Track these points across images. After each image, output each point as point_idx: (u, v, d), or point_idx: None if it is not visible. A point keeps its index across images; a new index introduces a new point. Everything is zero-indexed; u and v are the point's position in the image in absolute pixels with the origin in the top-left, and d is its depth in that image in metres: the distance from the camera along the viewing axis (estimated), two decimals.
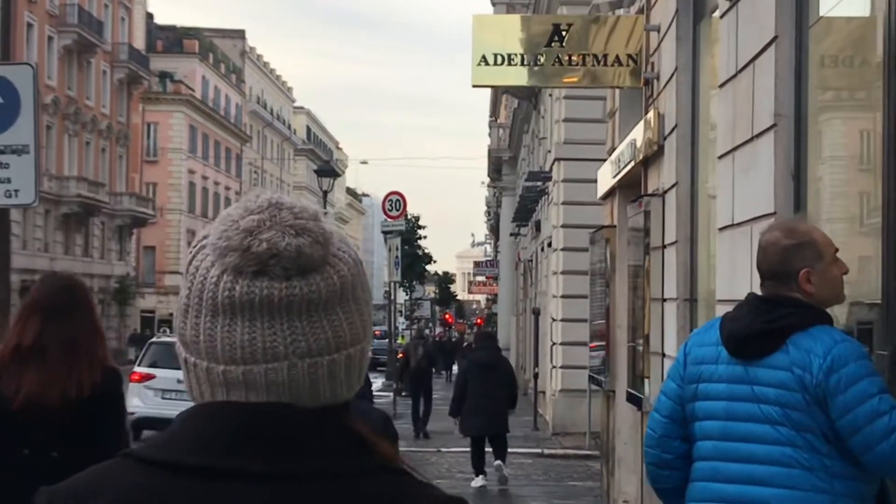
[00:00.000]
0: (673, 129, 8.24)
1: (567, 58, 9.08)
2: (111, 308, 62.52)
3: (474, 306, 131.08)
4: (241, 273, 1.34)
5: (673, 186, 8.24)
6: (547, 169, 26.27)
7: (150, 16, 74.73)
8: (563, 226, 24.09)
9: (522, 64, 9.05)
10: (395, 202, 26.64)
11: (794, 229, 3.57)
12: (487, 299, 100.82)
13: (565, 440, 23.34)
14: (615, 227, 11.46)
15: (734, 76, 6.15)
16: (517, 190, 45.02)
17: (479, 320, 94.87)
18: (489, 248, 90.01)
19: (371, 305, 1.45)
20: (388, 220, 27.10)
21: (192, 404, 1.42)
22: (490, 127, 61.60)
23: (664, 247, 8.62)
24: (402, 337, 64.78)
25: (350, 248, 1.43)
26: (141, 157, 72.25)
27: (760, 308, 3.54)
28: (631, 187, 11.20)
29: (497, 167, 53.67)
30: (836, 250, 3.58)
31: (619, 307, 11.28)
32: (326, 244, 1.38)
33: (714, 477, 3.57)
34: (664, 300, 8.61)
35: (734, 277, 6.06)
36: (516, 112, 41.75)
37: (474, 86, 9.59)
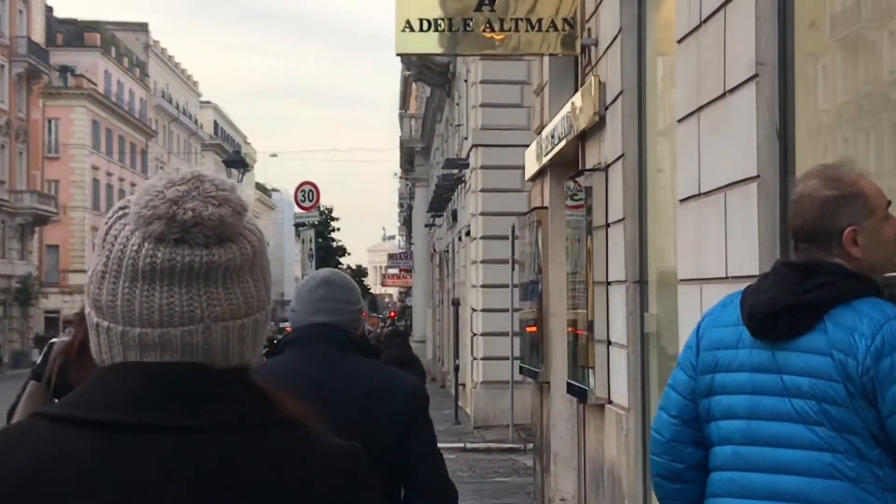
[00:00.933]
0: (617, 97, 7.56)
1: (499, 23, 8.33)
2: (13, 309, 60.63)
3: (387, 300, 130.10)
4: (163, 241, 1.41)
5: (618, 159, 7.55)
6: (464, 156, 25.57)
7: (49, 9, 72.65)
8: (482, 213, 23.41)
9: (450, 30, 8.29)
10: (307, 192, 25.72)
11: (838, 177, 2.81)
12: (400, 292, 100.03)
13: (488, 433, 22.69)
14: (547, 208, 10.78)
15: (697, 27, 5.47)
16: (431, 180, 44.34)
17: (392, 313, 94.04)
18: (401, 242, 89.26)
19: (269, 280, 1.52)
20: (301, 211, 26.17)
21: None
22: (401, 118, 60.81)
23: (608, 225, 7.94)
24: None
25: (255, 224, 1.51)
26: (42, 154, 70.35)
27: (791, 277, 2.78)
28: (564, 165, 10.52)
29: (410, 158, 52.91)
30: (889, 203, 2.86)
31: (552, 293, 10.60)
32: (242, 215, 1.47)
33: (735, 491, 2.84)
34: (608, 283, 7.94)
35: (702, 254, 5.38)
36: (429, 101, 41.02)
37: (398, 54, 8.84)
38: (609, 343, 7.92)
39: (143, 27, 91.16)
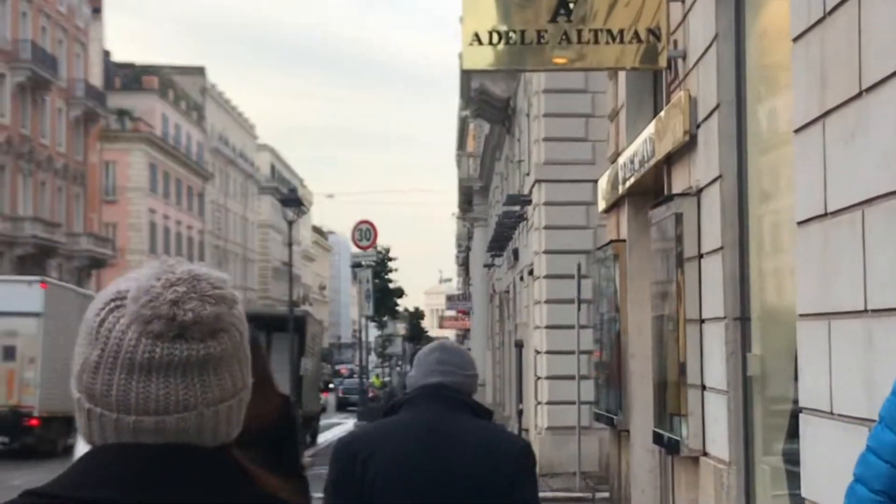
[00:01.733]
0: (712, 112, 6.77)
1: (576, 34, 7.58)
2: None
3: None
4: (161, 337, 1.47)
5: (713, 181, 6.75)
6: (526, 192, 24.80)
7: (106, 53, 73.09)
8: (545, 252, 22.59)
9: (522, 42, 7.54)
10: (364, 231, 25.13)
11: None
12: (458, 335, 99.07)
13: (554, 481, 21.75)
14: (624, 241, 9.97)
15: (821, 20, 4.68)
16: (490, 220, 43.64)
17: None
18: (458, 284, 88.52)
19: (249, 358, 1.60)
20: (358, 250, 25.55)
21: None
22: (458, 158, 60.28)
23: (701, 256, 7.13)
24: (377, 377, 63.11)
25: (239, 309, 1.58)
26: (99, 197, 70.50)
27: None
28: (643, 195, 9.73)
29: (468, 198, 52.30)
30: None
31: (632, 333, 9.79)
32: (234, 308, 1.54)
33: None
34: (702, 321, 7.11)
35: (831, 284, 4.56)
36: (487, 139, 40.38)
37: (465, 70, 8.15)
38: (703, 388, 7.09)
39: (200, 71, 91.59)
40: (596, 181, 22.17)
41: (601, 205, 11.22)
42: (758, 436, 6.33)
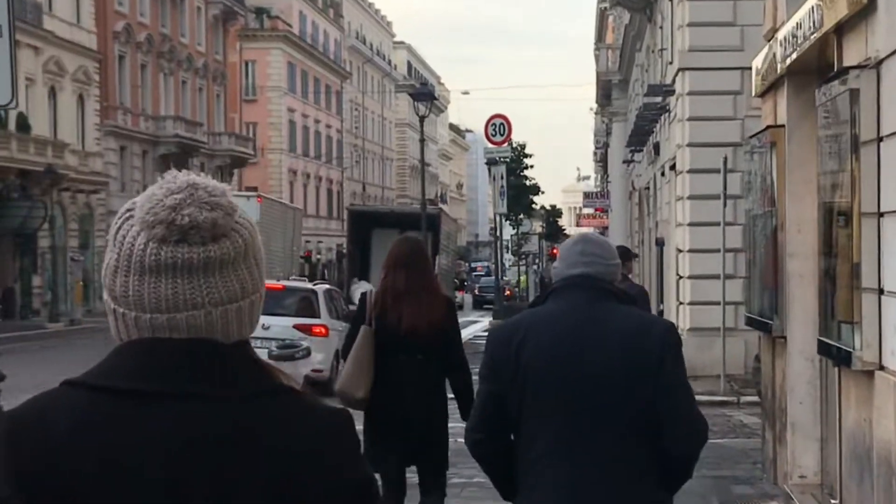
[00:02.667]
0: None
1: None
2: None
3: None
4: (166, 241, 1.63)
5: None
6: (668, 82, 23.52)
7: None
8: (689, 144, 21.39)
9: None
10: (498, 126, 24.22)
11: None
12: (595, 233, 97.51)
13: (696, 385, 20.78)
14: (783, 126, 8.91)
15: None
16: (630, 114, 42.27)
17: None
18: (597, 181, 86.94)
19: (263, 266, 1.74)
20: (492, 146, 24.65)
21: None
22: (597, 50, 58.57)
23: (880, 140, 6.10)
24: (524, 277, 62.28)
25: (248, 217, 1.72)
26: (239, 97, 70.87)
27: None
28: (805, 74, 8.64)
29: (606, 92, 50.83)
30: None
31: (791, 230, 8.78)
32: (233, 215, 1.68)
33: None
34: (881, 215, 6.11)
35: None
36: (627, 29, 38.83)
37: None
38: (881, 292, 6.12)
39: None
40: (744, 69, 20.84)
41: (756, 88, 10.13)
42: None
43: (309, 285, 20.44)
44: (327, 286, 21.23)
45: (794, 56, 8.18)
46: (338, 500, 1.63)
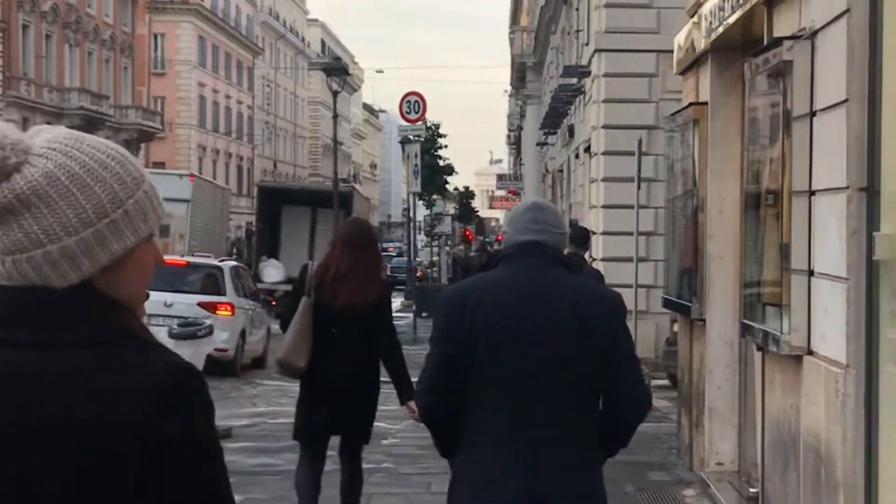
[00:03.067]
0: None
1: None
2: None
3: (493, 223, 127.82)
4: None
5: (838, 18, 5.43)
6: (584, 63, 23.31)
7: None
8: (604, 126, 21.21)
9: None
10: (413, 104, 23.80)
11: None
12: (507, 216, 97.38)
13: None
14: (706, 104, 8.66)
15: None
16: (544, 97, 42.10)
17: (500, 237, 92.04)
18: (509, 165, 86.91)
19: (82, 202, 1.61)
20: (406, 124, 24.24)
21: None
22: (512, 33, 58.36)
23: (813, 114, 5.84)
24: (437, 258, 61.90)
25: (68, 146, 1.60)
26: (148, 70, 69.58)
27: None
28: (729, 50, 8.39)
29: (521, 74, 50.67)
30: None
31: (712, 211, 8.53)
32: (25, 151, 1.57)
33: None
34: (813, 193, 5.86)
35: None
36: (542, 11, 38.63)
37: None
38: (811, 273, 5.87)
39: None
40: (660, 51, 20.68)
41: (677, 66, 9.87)
42: (884, 334, 5.12)
43: (214, 261, 19.80)
44: (234, 263, 20.65)
45: (721, 30, 7.92)
46: (160, 459, 1.56)
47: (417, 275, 45.26)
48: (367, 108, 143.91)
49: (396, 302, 43.59)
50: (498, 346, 3.65)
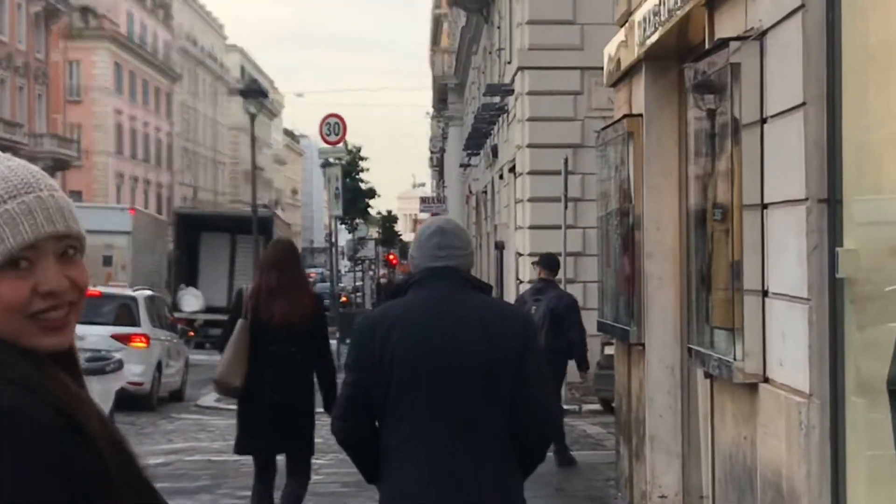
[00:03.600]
0: None
1: None
2: None
3: None
4: None
5: (791, 15, 4.98)
6: (508, 81, 22.92)
7: None
8: (529, 146, 20.80)
9: None
10: (333, 125, 23.19)
11: None
12: None
13: None
14: (640, 116, 8.21)
15: None
16: (466, 118, 41.73)
17: None
18: (432, 188, 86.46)
19: None
20: (327, 146, 23.63)
21: None
22: (433, 54, 58.01)
23: (764, 121, 5.39)
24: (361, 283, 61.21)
25: None
26: (63, 97, 68.31)
27: None
28: (664, 59, 7.96)
29: (443, 96, 50.24)
30: None
31: (649, 228, 8.08)
32: None
33: None
34: (765, 206, 5.40)
35: None
36: (463, 31, 38.26)
37: None
38: (765, 294, 5.40)
39: None
40: (584, 68, 20.36)
41: (608, 77, 9.43)
42: (850, 360, 4.66)
43: (129, 291, 18.98)
44: (149, 292, 19.86)
45: (655, 38, 7.47)
46: None
47: (342, 300, 44.53)
48: (287, 133, 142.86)
49: None
50: (412, 370, 3.69)
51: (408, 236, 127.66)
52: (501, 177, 26.04)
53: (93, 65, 71.28)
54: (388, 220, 71.14)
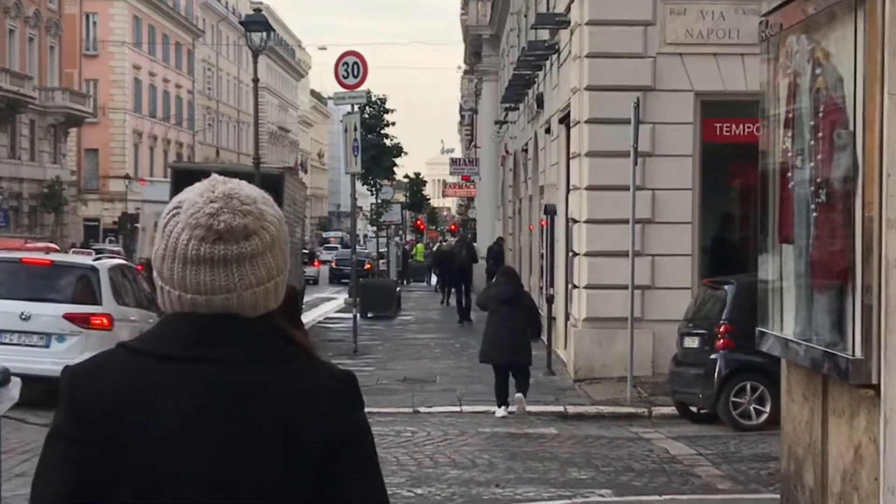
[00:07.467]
0: None
1: None
2: (43, 217, 55.17)
3: (445, 213, 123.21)
4: (205, 240, 2.06)
5: None
6: (562, 11, 19.09)
7: None
8: (588, 88, 16.98)
9: None
10: (351, 66, 19.49)
11: None
12: (459, 204, 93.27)
13: (594, 390, 16.57)
14: None
15: None
16: (502, 71, 37.97)
17: (452, 226, 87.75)
18: (461, 153, 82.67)
19: (287, 249, 2.19)
20: (344, 90, 19.93)
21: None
22: (463, 8, 54.13)
23: None
24: (419, 249, 58.05)
25: (275, 213, 2.17)
26: (79, 51, 65.27)
27: None
28: None
29: (476, 49, 46.42)
30: None
31: (894, 177, 4.34)
32: (262, 219, 2.11)
33: None
34: None
35: None
36: None
37: None
38: None
39: None
40: None
41: None
42: None
43: (88, 261, 15.23)
44: (116, 261, 16.14)
45: None
46: (335, 440, 2.08)
47: (365, 267, 41.04)
48: (314, 94, 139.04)
49: (339, 299, 39.51)
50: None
51: (436, 201, 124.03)
52: (548, 130, 22.28)
53: (110, 17, 68.67)
54: (416, 182, 67.28)
